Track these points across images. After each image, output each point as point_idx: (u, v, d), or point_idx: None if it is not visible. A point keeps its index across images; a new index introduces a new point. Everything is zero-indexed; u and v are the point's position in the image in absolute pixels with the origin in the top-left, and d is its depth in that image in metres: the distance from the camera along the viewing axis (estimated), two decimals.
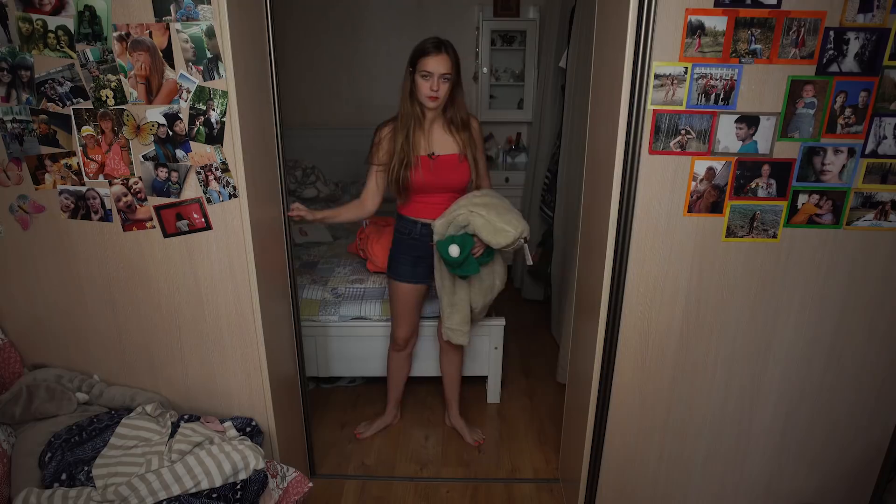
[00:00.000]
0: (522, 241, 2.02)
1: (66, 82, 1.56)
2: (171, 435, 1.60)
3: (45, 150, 1.63)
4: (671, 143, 1.59)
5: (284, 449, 1.96)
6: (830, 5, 1.47)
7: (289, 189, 2.04)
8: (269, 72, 1.80)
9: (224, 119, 1.57)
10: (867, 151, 1.59)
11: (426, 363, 2.71)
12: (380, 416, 2.65)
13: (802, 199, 1.63)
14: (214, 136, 1.59)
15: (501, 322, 2.68)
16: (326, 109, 4.41)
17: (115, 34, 1.51)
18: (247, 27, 1.63)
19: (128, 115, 1.58)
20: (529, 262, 2.13)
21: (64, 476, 1.51)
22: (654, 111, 1.56)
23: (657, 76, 1.52)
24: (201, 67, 1.53)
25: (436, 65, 1.96)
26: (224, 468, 1.50)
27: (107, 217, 1.67)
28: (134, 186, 1.64)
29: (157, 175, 1.63)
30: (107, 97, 1.56)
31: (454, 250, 2.01)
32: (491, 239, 1.98)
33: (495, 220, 1.97)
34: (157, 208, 1.65)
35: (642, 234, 1.67)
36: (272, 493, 1.59)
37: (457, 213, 2.03)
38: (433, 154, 2.09)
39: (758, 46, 1.50)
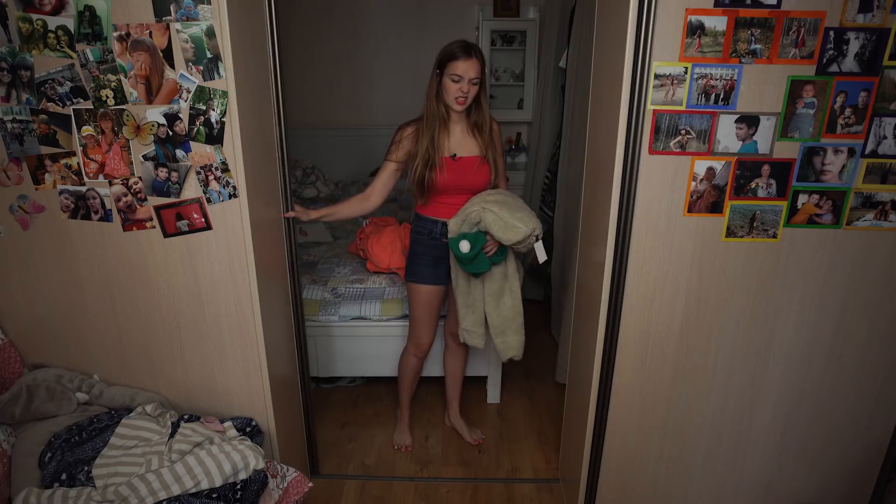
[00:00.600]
0: (535, 238, 2.02)
1: (66, 82, 1.56)
2: (171, 435, 1.60)
3: (45, 150, 1.63)
4: (671, 143, 1.59)
5: (284, 449, 1.96)
6: (830, 5, 1.47)
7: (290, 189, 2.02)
8: (273, 71, 1.80)
9: (224, 119, 1.57)
10: (867, 151, 1.59)
11: (427, 363, 2.70)
12: (394, 423, 2.65)
13: (802, 199, 1.63)
14: (214, 136, 1.59)
15: None
16: (326, 109, 4.41)
17: (115, 34, 1.51)
18: (247, 27, 1.63)
19: (128, 115, 1.58)
20: (544, 257, 2.12)
21: (64, 476, 1.51)
22: (654, 111, 1.56)
23: (657, 76, 1.52)
24: (201, 67, 1.53)
25: (466, 69, 1.97)
26: (224, 468, 1.50)
27: (107, 217, 1.67)
28: (134, 186, 1.64)
29: (157, 175, 1.63)
30: (107, 97, 1.56)
31: (464, 246, 2.02)
32: (502, 235, 1.99)
33: (507, 217, 1.98)
34: (157, 208, 1.65)
35: (642, 234, 1.67)
36: (272, 493, 1.59)
37: (470, 211, 2.05)
38: (455, 155, 2.10)
39: (758, 46, 1.50)
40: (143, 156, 1.61)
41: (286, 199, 1.95)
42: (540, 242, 2.05)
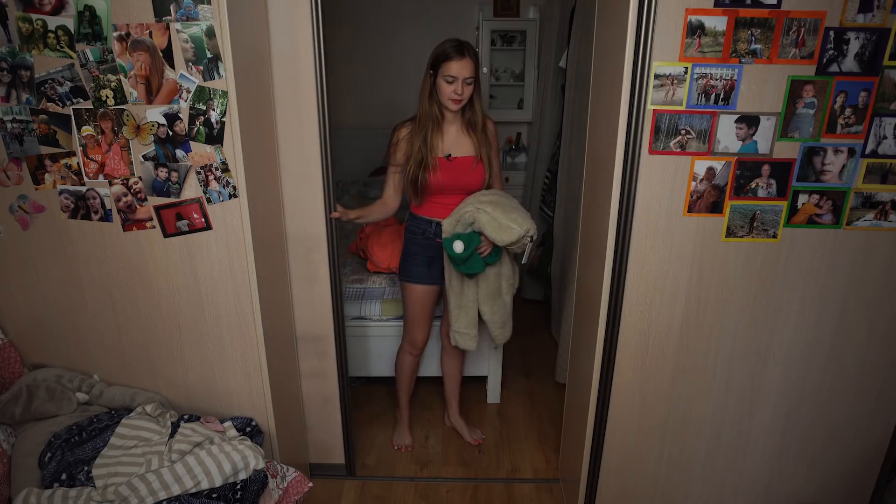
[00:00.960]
0: (529, 239, 2.02)
1: (66, 82, 1.56)
2: (171, 435, 1.60)
3: (45, 150, 1.63)
4: (671, 143, 1.59)
5: (284, 449, 1.96)
6: (830, 5, 1.47)
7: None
8: (316, 69, 1.81)
9: (224, 119, 1.57)
10: (867, 151, 1.59)
11: (426, 363, 2.70)
12: (394, 423, 2.64)
13: (802, 199, 1.63)
14: (214, 136, 1.59)
15: None
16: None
17: (115, 34, 1.51)
18: (247, 27, 1.63)
19: (128, 115, 1.58)
20: (524, 260, 2.14)
21: (64, 476, 1.51)
22: (654, 111, 1.56)
23: (657, 76, 1.52)
24: (201, 67, 1.53)
25: (460, 69, 1.96)
26: (224, 468, 1.50)
27: (107, 217, 1.67)
28: (134, 186, 1.64)
29: (157, 175, 1.63)
30: (107, 97, 1.56)
31: (458, 246, 2.02)
32: (496, 236, 1.99)
33: (501, 218, 1.98)
34: (157, 208, 1.65)
35: (642, 234, 1.67)
36: (272, 492, 1.59)
37: (464, 211, 2.05)
38: (450, 155, 2.10)
39: (758, 46, 1.50)
40: (143, 156, 1.61)
41: (328, 199, 1.95)
42: (530, 245, 2.06)
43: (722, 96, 1.54)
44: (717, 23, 1.48)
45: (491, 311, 2.20)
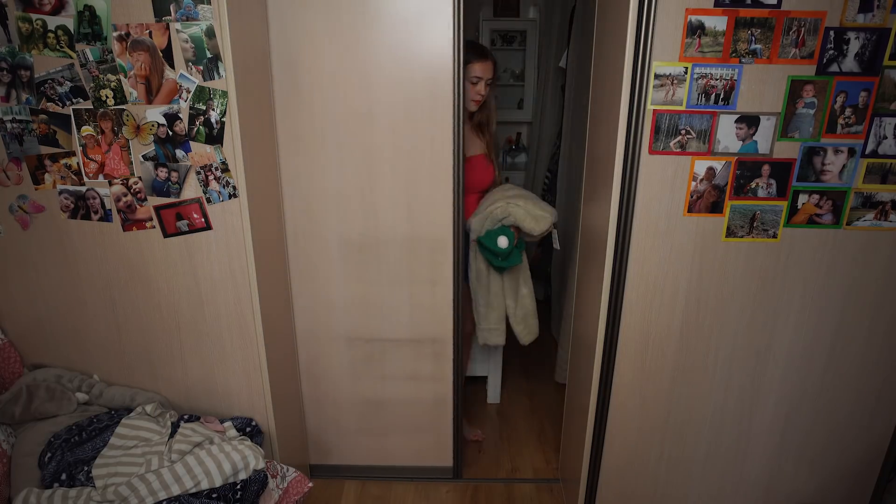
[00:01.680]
0: (553, 226, 2.07)
1: (66, 82, 1.56)
2: (171, 435, 1.60)
3: (45, 150, 1.63)
4: (671, 143, 1.59)
5: (284, 449, 1.96)
6: (830, 5, 1.47)
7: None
8: (454, 70, 1.81)
9: (224, 119, 1.57)
10: (867, 151, 1.59)
11: None
12: None
13: (802, 199, 1.63)
14: (214, 136, 1.59)
15: None
16: None
17: (114, 34, 1.51)
18: (247, 27, 1.63)
19: (128, 115, 1.58)
20: (557, 246, 2.18)
21: (64, 476, 1.51)
22: (654, 111, 1.56)
23: (657, 76, 1.52)
24: (201, 67, 1.53)
25: (482, 70, 2.03)
26: (224, 468, 1.50)
27: (107, 217, 1.67)
28: (134, 186, 1.64)
29: (157, 175, 1.63)
30: (107, 97, 1.56)
31: (503, 241, 2.05)
32: (533, 226, 2.02)
33: (532, 209, 2.03)
34: (157, 208, 1.65)
35: (642, 234, 1.67)
36: (272, 493, 1.59)
37: (494, 207, 2.06)
38: (465, 155, 2.12)
39: (758, 46, 1.50)
40: (142, 156, 1.61)
41: (457, 202, 1.94)
42: (555, 231, 2.10)
43: (722, 96, 1.54)
44: (717, 23, 1.48)
45: (515, 303, 2.23)
